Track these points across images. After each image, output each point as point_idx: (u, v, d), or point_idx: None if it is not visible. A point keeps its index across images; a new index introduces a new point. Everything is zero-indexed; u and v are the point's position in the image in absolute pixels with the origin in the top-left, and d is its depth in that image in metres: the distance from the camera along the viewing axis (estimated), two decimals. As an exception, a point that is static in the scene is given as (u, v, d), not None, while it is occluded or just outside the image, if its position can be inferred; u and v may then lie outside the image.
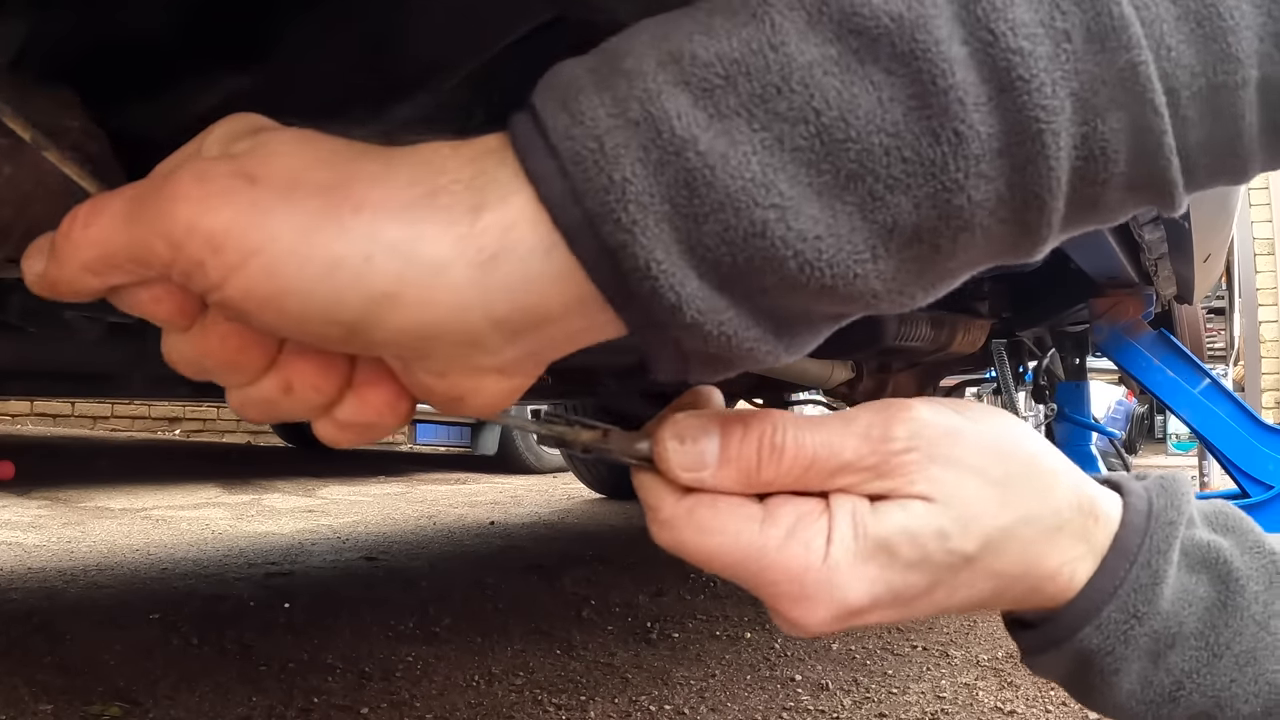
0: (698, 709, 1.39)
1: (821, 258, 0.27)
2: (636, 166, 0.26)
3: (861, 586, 0.33)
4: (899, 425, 0.33)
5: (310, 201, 0.27)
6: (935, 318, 1.88)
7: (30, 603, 1.96)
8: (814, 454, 0.33)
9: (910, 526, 0.33)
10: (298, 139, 0.29)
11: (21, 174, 0.58)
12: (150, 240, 0.27)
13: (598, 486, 3.96)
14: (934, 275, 0.29)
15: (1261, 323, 6.52)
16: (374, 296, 0.27)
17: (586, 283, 0.27)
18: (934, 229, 0.27)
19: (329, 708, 1.38)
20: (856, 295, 0.28)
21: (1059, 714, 1.36)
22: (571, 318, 0.28)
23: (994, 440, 0.35)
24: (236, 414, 0.32)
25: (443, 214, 0.27)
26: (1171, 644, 0.37)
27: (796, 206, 0.26)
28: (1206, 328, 4.05)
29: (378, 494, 4.27)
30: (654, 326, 0.28)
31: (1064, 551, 0.36)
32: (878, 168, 0.26)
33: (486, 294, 0.27)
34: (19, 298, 0.91)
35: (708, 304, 0.27)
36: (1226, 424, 2.15)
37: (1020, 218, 0.28)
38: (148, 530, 3.02)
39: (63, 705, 1.37)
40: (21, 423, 6.22)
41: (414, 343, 0.28)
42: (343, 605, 2.00)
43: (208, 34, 0.67)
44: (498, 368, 0.29)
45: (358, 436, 0.32)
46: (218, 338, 0.30)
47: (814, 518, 0.33)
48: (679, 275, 0.27)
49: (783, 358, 0.30)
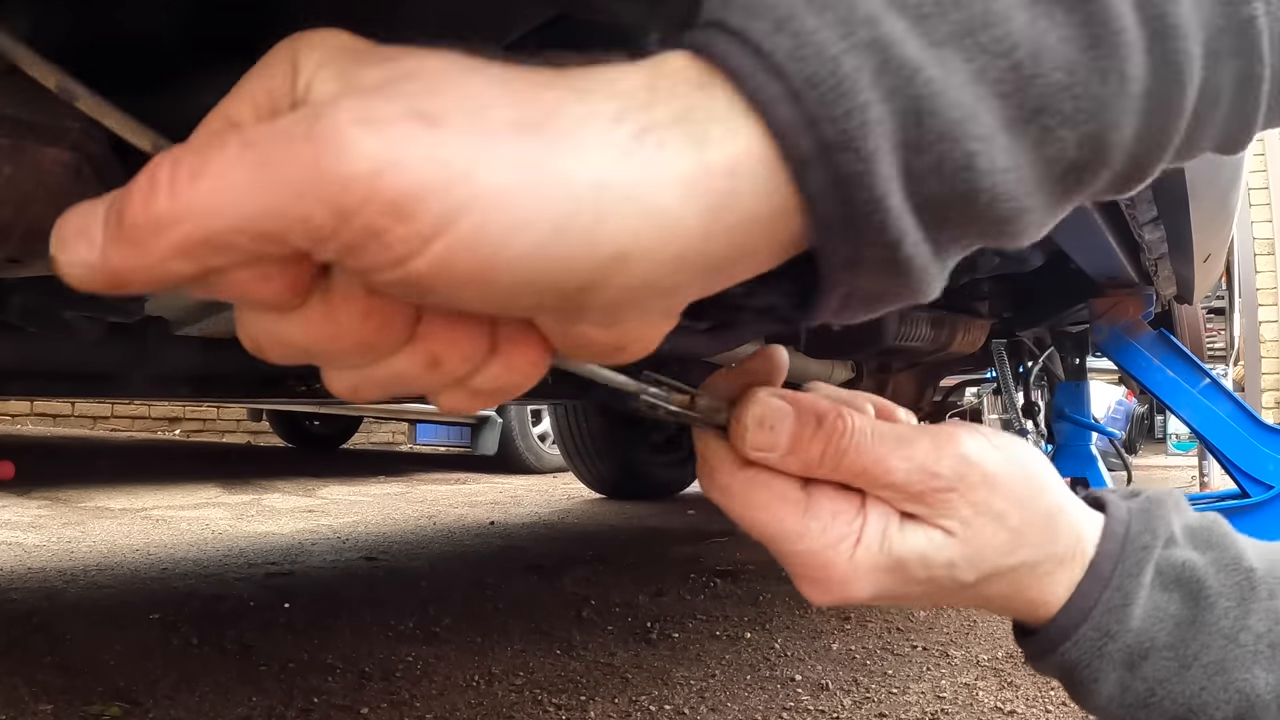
0: (698, 709, 1.39)
1: (1010, 190, 0.27)
2: (872, 92, 0.24)
3: (870, 588, 0.37)
4: (947, 460, 0.37)
5: (517, 147, 0.22)
6: (935, 318, 1.88)
7: (30, 603, 1.96)
8: (869, 466, 0.36)
9: (927, 553, 0.37)
10: (460, 66, 0.24)
11: (21, 174, 0.58)
12: (301, 208, 0.21)
13: (598, 486, 3.96)
14: (1061, 208, 0.30)
15: (1261, 323, 6.52)
16: (606, 257, 0.23)
17: (807, 216, 0.25)
18: (1086, 164, 0.28)
19: (329, 708, 1.38)
20: (1018, 229, 0.29)
21: (1059, 714, 1.36)
22: (777, 253, 0.27)
23: (1022, 490, 0.38)
24: (339, 396, 0.28)
25: (668, 155, 0.23)
26: (1144, 655, 0.41)
27: (995, 139, 0.26)
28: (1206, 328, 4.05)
29: (378, 494, 4.27)
30: (860, 264, 0.27)
31: (1053, 583, 0.40)
32: (1054, 104, 0.27)
33: (709, 241, 0.24)
34: (19, 298, 0.91)
35: (915, 236, 0.27)
36: (1226, 424, 2.15)
37: (1144, 154, 0.30)
38: (148, 530, 3.02)
39: (63, 705, 1.37)
40: (21, 423, 6.22)
41: (630, 301, 0.25)
42: (343, 605, 2.00)
43: (207, 31, 0.67)
44: (675, 310, 0.27)
45: (489, 401, 0.28)
46: (354, 315, 0.25)
47: (848, 519, 0.37)
48: (903, 209, 0.26)
49: (936, 292, 0.30)
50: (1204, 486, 3.81)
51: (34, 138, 0.58)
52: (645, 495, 3.90)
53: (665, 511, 3.62)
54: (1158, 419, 9.21)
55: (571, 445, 3.75)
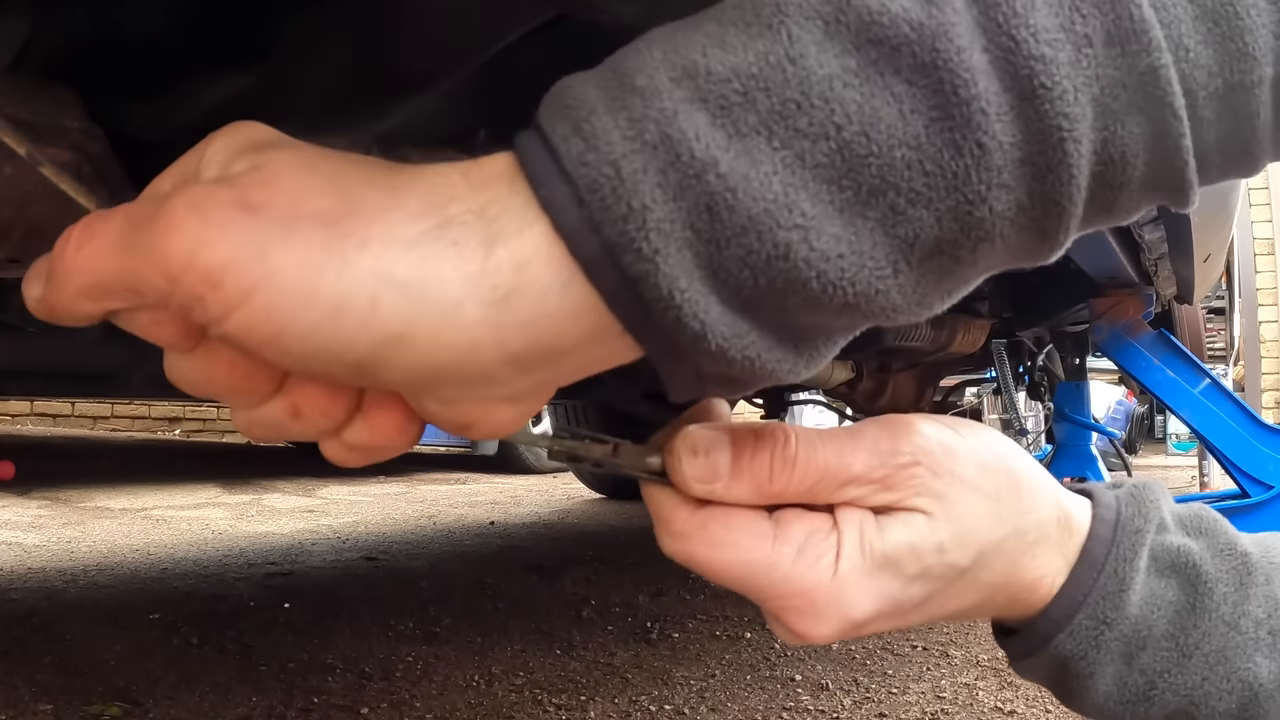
0: (698, 709, 1.39)
1: (844, 276, 0.26)
2: (656, 192, 0.25)
3: (867, 601, 0.34)
4: (905, 440, 0.34)
5: (313, 235, 0.25)
6: (935, 318, 1.88)
7: (30, 603, 1.96)
8: (825, 465, 0.34)
9: (912, 541, 0.34)
10: (300, 161, 0.27)
11: (21, 174, 0.58)
12: (144, 271, 0.26)
13: (598, 487, 3.97)
14: (952, 283, 0.29)
15: (1261, 323, 6.53)
16: (381, 339, 0.25)
17: (606, 314, 0.26)
18: (955, 240, 0.27)
19: (329, 708, 1.38)
20: (878, 310, 0.28)
21: (1059, 714, 1.36)
22: (588, 348, 0.27)
23: (985, 456, 0.36)
24: (242, 433, 0.32)
25: (453, 250, 0.25)
26: (1143, 646, 0.39)
27: (819, 226, 0.26)
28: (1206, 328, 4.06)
29: (378, 494, 4.27)
30: (676, 355, 0.27)
31: (1042, 563, 0.38)
32: (900, 182, 0.26)
33: (499, 331, 0.26)
34: (19, 298, 0.91)
35: (731, 329, 0.27)
36: (1226, 424, 2.15)
37: (1040, 225, 0.28)
38: (148, 530, 3.02)
39: (63, 705, 1.37)
40: (21, 423, 6.22)
41: (423, 380, 0.27)
42: (343, 605, 2.00)
43: (207, 34, 0.67)
44: (508, 397, 0.29)
45: (366, 458, 0.31)
46: (223, 364, 0.28)
47: (823, 535, 0.34)
48: (702, 303, 0.26)
49: (803, 374, 0.30)
50: (1204, 486, 3.81)
51: (34, 138, 0.58)
52: (645, 495, 3.90)
53: (665, 511, 3.62)
54: (1158, 419, 9.21)
55: (571, 445, 3.74)
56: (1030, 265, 0.30)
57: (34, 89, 0.58)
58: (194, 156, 0.29)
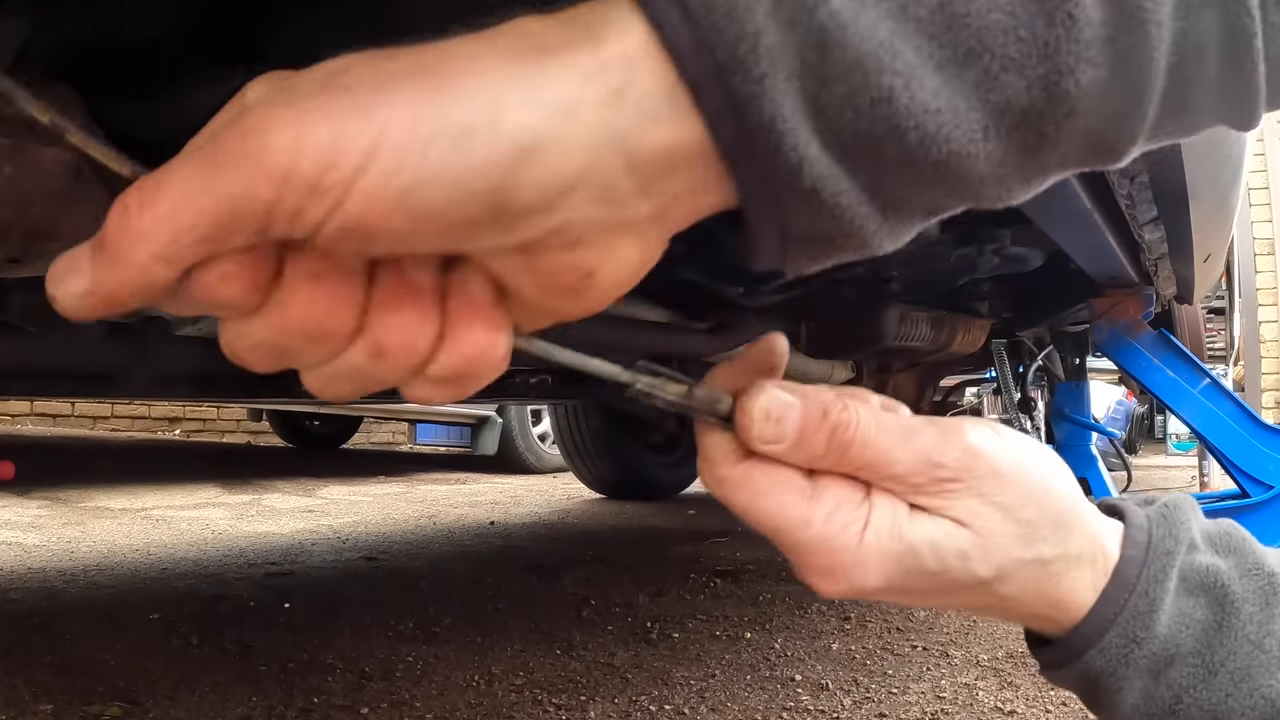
0: (698, 709, 1.39)
1: (940, 131, 0.27)
2: (769, 20, 0.25)
3: (880, 576, 0.36)
4: (953, 453, 0.36)
5: (414, 83, 0.25)
6: (935, 318, 1.88)
7: (30, 603, 1.96)
8: (873, 459, 0.36)
9: (938, 541, 0.36)
10: (367, 53, 0.26)
11: (21, 174, 0.58)
12: (246, 186, 0.24)
13: (598, 486, 3.97)
14: (1033, 167, 0.29)
15: (1261, 323, 6.52)
16: (512, 154, 0.25)
17: (707, 138, 0.26)
18: (1041, 113, 0.28)
19: (329, 708, 1.38)
20: (964, 177, 0.28)
21: (1059, 714, 1.36)
22: (694, 170, 0.27)
23: (1031, 484, 0.37)
24: (314, 394, 0.30)
25: (562, 53, 0.25)
26: (1170, 662, 0.40)
27: (920, 78, 0.26)
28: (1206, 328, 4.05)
29: (378, 494, 4.27)
30: (768, 192, 0.27)
31: (1072, 584, 0.39)
32: (994, 46, 0.26)
33: (618, 132, 0.25)
34: (19, 298, 0.91)
35: (827, 171, 0.27)
36: (1226, 424, 2.15)
37: (1119, 109, 0.29)
38: (148, 530, 3.02)
39: (63, 705, 1.37)
40: (21, 423, 6.22)
41: (556, 201, 0.26)
42: (343, 605, 2.00)
43: (206, 34, 0.67)
44: (628, 225, 0.28)
45: (454, 391, 0.30)
46: (301, 303, 0.27)
47: (855, 504, 0.36)
48: (803, 136, 0.26)
49: (885, 245, 0.30)
50: (1204, 486, 3.81)
51: (34, 138, 0.58)
52: (645, 495, 3.90)
53: (665, 511, 3.62)
54: (1158, 419, 9.21)
55: (571, 445, 3.75)
56: (1101, 166, 0.31)
57: (34, 89, 0.58)
58: (225, 110, 0.27)
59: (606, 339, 1.45)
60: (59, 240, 0.64)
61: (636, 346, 1.56)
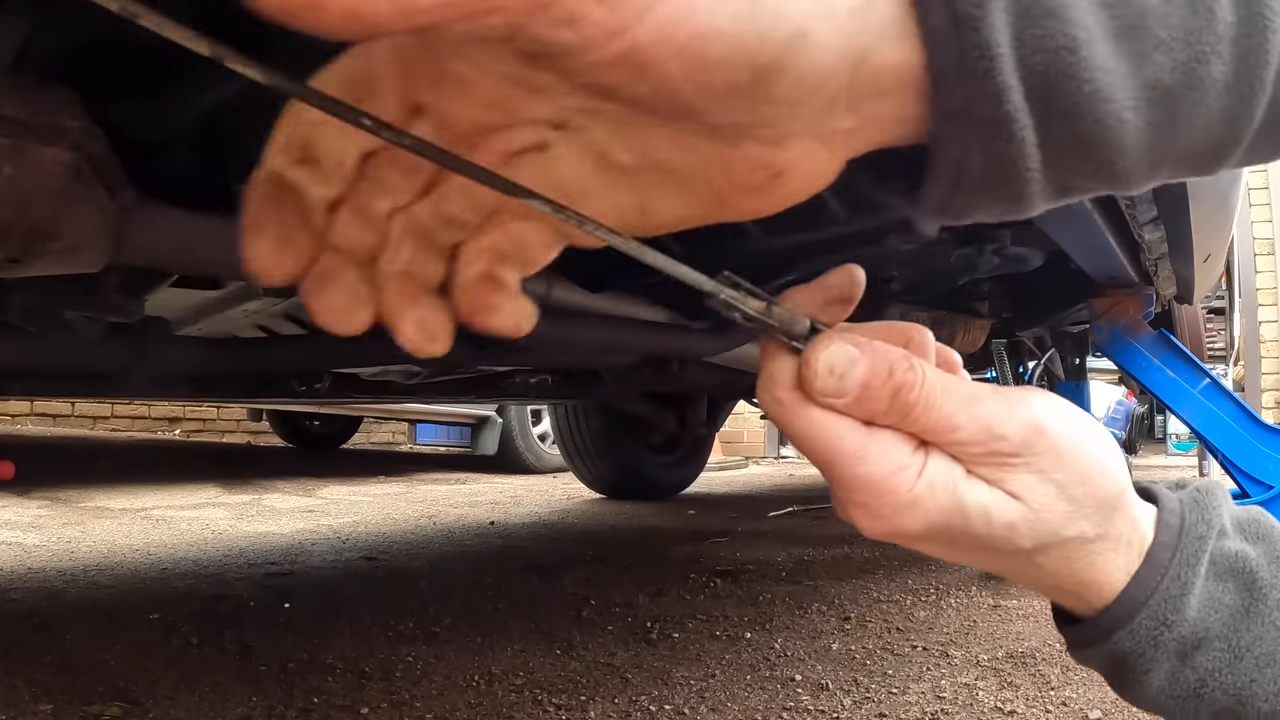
0: (698, 709, 1.39)
1: (1104, 92, 0.29)
2: None
3: (924, 525, 0.36)
4: (1015, 425, 0.36)
5: None
6: (935, 318, 1.88)
7: (30, 603, 1.96)
8: (934, 425, 0.35)
9: (990, 508, 0.36)
10: None
11: (21, 174, 0.58)
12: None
13: (598, 486, 3.97)
14: (1160, 155, 0.31)
15: (1261, 323, 6.53)
16: (791, 35, 0.26)
17: (921, 59, 0.28)
18: (1179, 96, 0.30)
19: (329, 708, 1.38)
20: (1111, 147, 0.30)
21: (1059, 714, 1.36)
22: (900, 96, 0.29)
23: (1090, 469, 0.38)
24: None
25: None
26: (1198, 646, 0.41)
27: (1096, 38, 0.28)
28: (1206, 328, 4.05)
29: (378, 494, 4.27)
30: (967, 118, 0.29)
31: (1107, 564, 0.40)
32: (1151, 24, 0.29)
33: (857, 43, 0.28)
34: (19, 298, 0.91)
35: (1019, 104, 0.29)
36: (1226, 424, 2.16)
37: (1234, 109, 0.31)
38: (148, 530, 3.02)
39: (63, 705, 1.37)
40: (21, 423, 6.22)
41: (800, 93, 0.28)
42: (343, 605, 2.00)
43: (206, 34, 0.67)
44: (829, 137, 0.30)
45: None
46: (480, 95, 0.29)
47: (910, 452, 0.36)
48: (1009, 65, 0.28)
49: (1036, 204, 0.32)
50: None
51: (34, 138, 0.58)
52: (645, 495, 3.90)
53: (665, 511, 3.62)
54: (1158, 419, 9.21)
55: (571, 445, 3.75)
56: (1205, 172, 0.34)
57: (34, 89, 0.58)
58: None
59: (607, 339, 1.45)
60: (59, 240, 0.63)
61: (636, 346, 1.56)
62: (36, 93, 0.58)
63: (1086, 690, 1.45)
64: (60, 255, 0.65)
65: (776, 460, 7.47)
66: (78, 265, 0.68)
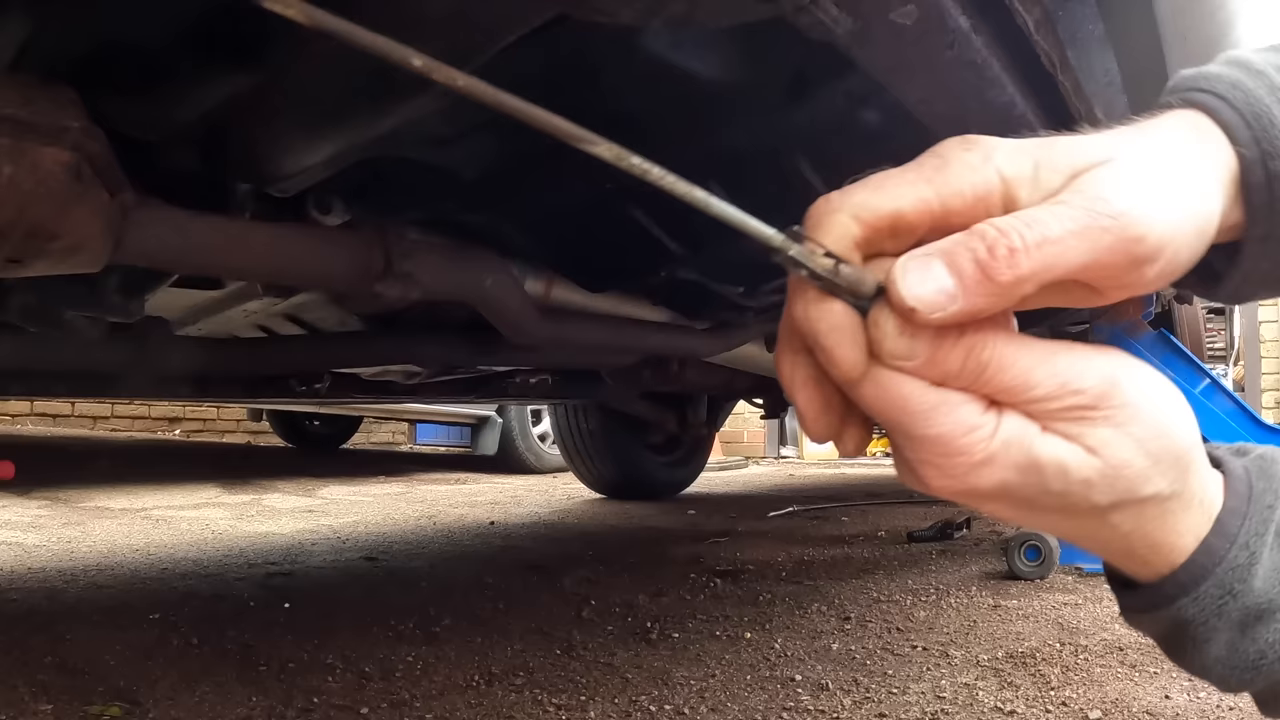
0: (698, 709, 1.39)
1: None
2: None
3: (998, 484, 0.35)
4: (1091, 378, 0.35)
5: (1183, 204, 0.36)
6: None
7: (30, 603, 1.96)
8: (1010, 384, 0.35)
9: (1066, 464, 0.35)
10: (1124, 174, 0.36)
11: (21, 174, 0.58)
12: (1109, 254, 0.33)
13: (598, 486, 3.97)
14: None
15: (1261, 323, 6.52)
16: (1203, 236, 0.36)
17: (1237, 208, 0.38)
18: None
19: (329, 708, 1.38)
20: None
21: (1059, 714, 1.36)
22: (1219, 236, 0.38)
23: (1163, 417, 0.37)
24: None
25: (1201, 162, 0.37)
26: (1260, 618, 0.40)
27: None
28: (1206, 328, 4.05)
29: (378, 494, 4.28)
30: (1264, 239, 0.39)
31: (1176, 526, 0.39)
32: None
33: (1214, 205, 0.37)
34: (19, 298, 0.91)
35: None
36: (1226, 424, 2.15)
37: None
38: (148, 530, 3.02)
39: (63, 705, 1.37)
40: (21, 423, 6.22)
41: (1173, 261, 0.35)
42: (343, 605, 2.00)
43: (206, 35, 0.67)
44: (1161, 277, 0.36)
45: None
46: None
47: (983, 409, 0.35)
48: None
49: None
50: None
51: (34, 138, 0.58)
52: (645, 495, 3.90)
53: (665, 511, 3.62)
54: (1158, 419, 9.19)
55: (571, 445, 3.75)
56: None
57: (34, 89, 0.58)
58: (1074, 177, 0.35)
59: (607, 339, 1.45)
60: (59, 240, 0.63)
61: (636, 346, 1.56)
62: (37, 92, 0.58)
63: (1086, 690, 1.45)
64: (60, 255, 0.65)
65: (776, 460, 7.47)
66: (78, 265, 0.68)
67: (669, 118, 0.97)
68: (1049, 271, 0.33)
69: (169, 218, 0.78)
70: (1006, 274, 0.33)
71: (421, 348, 1.43)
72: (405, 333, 1.42)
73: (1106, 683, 1.49)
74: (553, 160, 1.05)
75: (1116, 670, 1.56)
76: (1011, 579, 2.25)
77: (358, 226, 1.00)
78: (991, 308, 0.34)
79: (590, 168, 1.09)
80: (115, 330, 1.09)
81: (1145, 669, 1.56)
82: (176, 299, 1.24)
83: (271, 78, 0.70)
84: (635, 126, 0.99)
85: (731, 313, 1.59)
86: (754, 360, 1.95)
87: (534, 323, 1.22)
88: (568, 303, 1.38)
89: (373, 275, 0.98)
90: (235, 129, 0.78)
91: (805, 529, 3.17)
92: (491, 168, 1.06)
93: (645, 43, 0.79)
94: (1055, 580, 2.26)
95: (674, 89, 0.90)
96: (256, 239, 0.88)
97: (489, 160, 1.05)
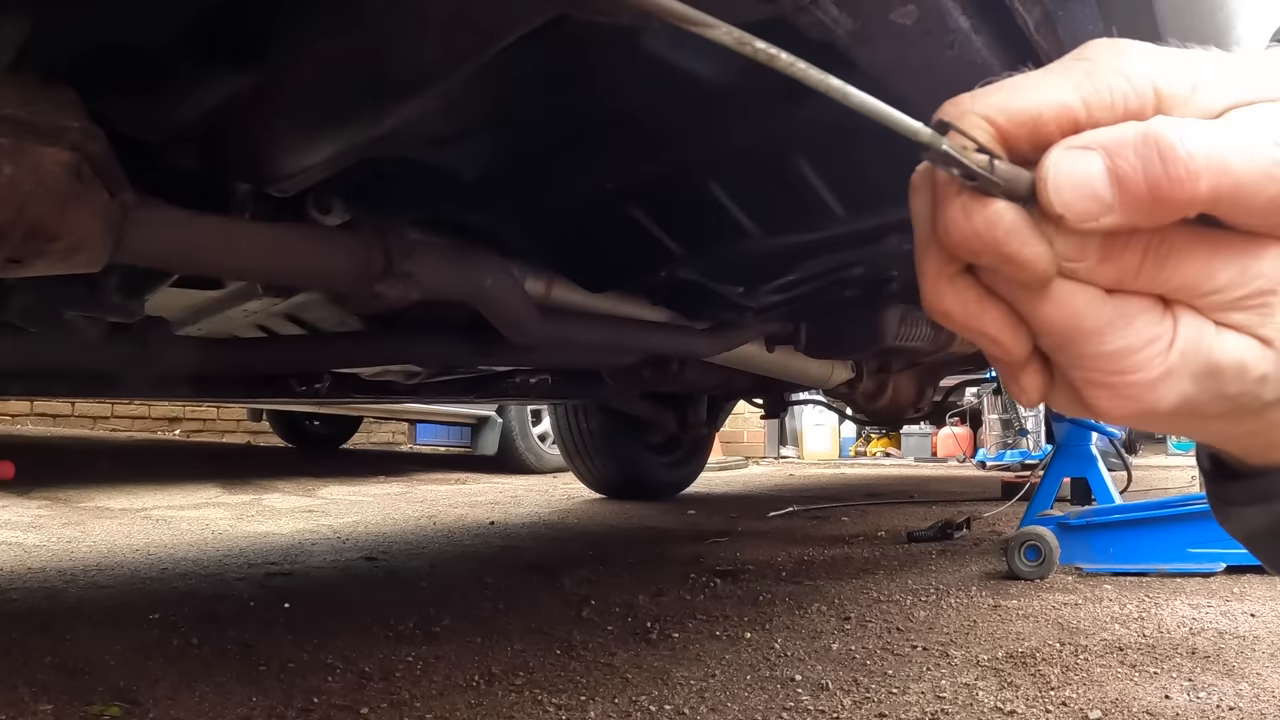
0: (698, 709, 1.39)
1: None
2: None
3: (1178, 399, 0.32)
4: (1269, 260, 0.31)
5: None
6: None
7: (30, 603, 1.96)
8: (1191, 279, 0.31)
9: (1245, 362, 0.32)
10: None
11: (21, 174, 0.58)
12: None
13: (598, 486, 3.97)
14: None
15: None
16: None
17: None
18: None
19: (329, 708, 1.38)
20: None
21: (1059, 714, 1.36)
22: None
23: None
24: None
25: None
26: None
27: None
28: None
29: (378, 494, 4.28)
30: None
31: None
32: None
33: None
34: (19, 298, 0.91)
35: None
36: None
37: None
38: (148, 530, 3.02)
39: (63, 705, 1.37)
40: (21, 423, 6.22)
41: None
42: (343, 605, 2.00)
43: (207, 36, 0.67)
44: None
45: None
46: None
47: (1156, 320, 0.31)
48: None
49: None
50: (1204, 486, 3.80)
51: (34, 138, 0.58)
52: (645, 495, 3.90)
53: (665, 511, 3.62)
54: (1158, 419, 9.19)
55: (571, 445, 3.75)
56: None
57: (34, 89, 0.58)
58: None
59: (607, 339, 1.45)
60: (59, 240, 0.63)
61: (636, 346, 1.56)
62: (37, 92, 0.58)
63: (1086, 690, 1.45)
64: (60, 255, 0.65)
65: (776, 460, 7.47)
66: (78, 265, 0.68)
67: (669, 118, 0.97)
68: (1222, 203, 0.29)
69: (169, 218, 0.78)
70: (1178, 192, 0.29)
71: (421, 348, 1.43)
72: (405, 333, 1.43)
73: (1106, 683, 1.49)
74: (552, 159, 1.05)
75: (1116, 670, 1.56)
76: (1011, 579, 2.25)
77: (358, 226, 1.00)
78: (1149, 224, 0.30)
79: (590, 167, 1.09)
80: (115, 330, 1.09)
81: (1145, 669, 1.56)
82: (176, 299, 1.24)
83: (272, 78, 0.70)
84: (635, 126, 0.99)
85: (731, 313, 1.59)
86: (754, 360, 1.95)
87: (534, 322, 1.22)
88: (568, 303, 1.38)
89: (373, 275, 0.99)
90: (235, 129, 0.78)
91: (805, 529, 3.17)
92: (491, 167, 1.06)
93: (645, 43, 0.79)
94: (1055, 580, 2.26)
95: (674, 89, 0.90)
96: (256, 239, 0.88)
97: (489, 160, 1.05)
